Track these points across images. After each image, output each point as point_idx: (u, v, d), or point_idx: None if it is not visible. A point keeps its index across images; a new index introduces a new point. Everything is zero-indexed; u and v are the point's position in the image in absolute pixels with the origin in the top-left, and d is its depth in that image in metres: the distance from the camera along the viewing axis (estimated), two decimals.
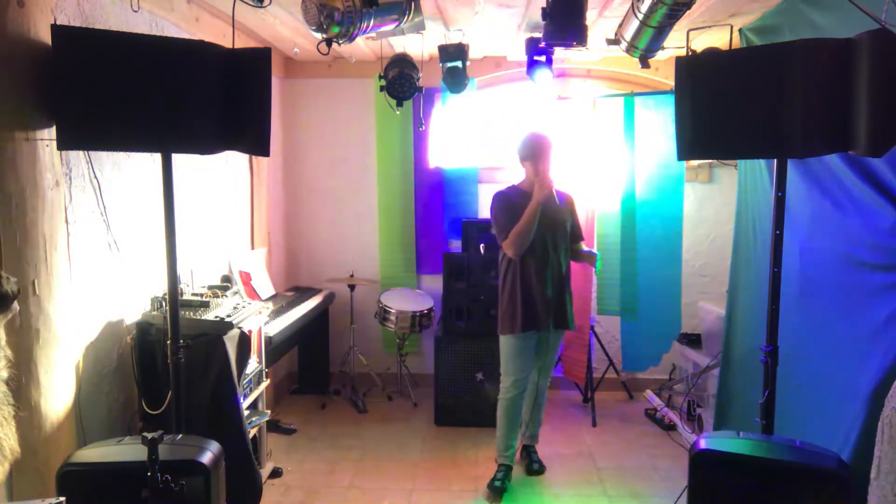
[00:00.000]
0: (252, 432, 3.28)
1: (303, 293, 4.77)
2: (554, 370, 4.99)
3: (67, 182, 2.54)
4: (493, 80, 5.07)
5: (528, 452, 3.81)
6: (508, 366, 3.55)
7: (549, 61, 3.86)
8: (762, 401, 2.37)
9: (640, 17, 2.89)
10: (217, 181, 3.97)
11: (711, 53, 2.88)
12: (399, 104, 3.95)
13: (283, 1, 3.35)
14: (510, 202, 3.48)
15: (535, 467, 3.74)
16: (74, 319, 2.45)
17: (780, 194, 2.34)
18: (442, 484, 3.61)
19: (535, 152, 3.47)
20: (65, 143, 2.19)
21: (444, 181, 5.02)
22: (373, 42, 4.27)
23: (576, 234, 3.68)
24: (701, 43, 4.04)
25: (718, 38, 3.96)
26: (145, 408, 2.82)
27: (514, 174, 4.96)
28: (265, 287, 4.35)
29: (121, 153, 2.90)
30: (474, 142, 4.96)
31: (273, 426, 4.20)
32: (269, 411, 3.71)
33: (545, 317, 3.45)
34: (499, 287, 3.61)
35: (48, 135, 2.20)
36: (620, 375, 5.00)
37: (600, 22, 3.70)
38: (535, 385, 3.67)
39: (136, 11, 2.77)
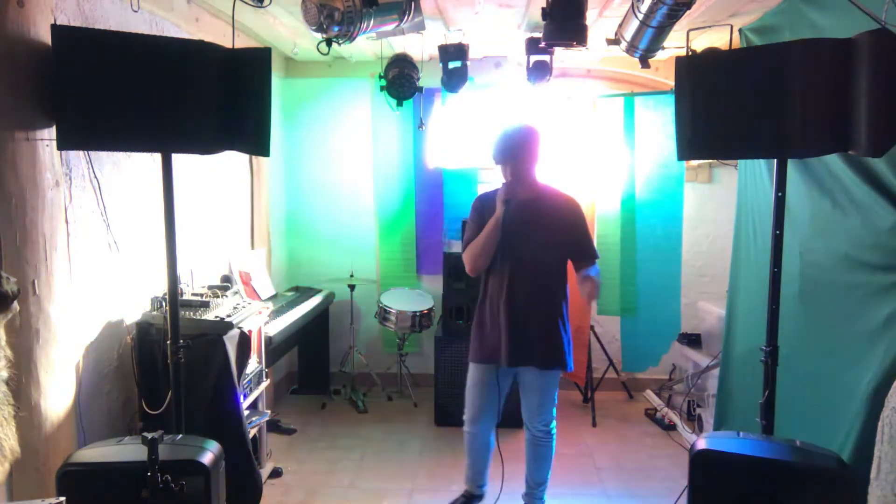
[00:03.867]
0: (252, 432, 3.28)
1: (303, 293, 4.77)
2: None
3: (67, 182, 2.54)
4: (493, 80, 5.07)
5: None
6: (466, 397, 3.15)
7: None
8: (762, 401, 2.37)
9: (640, 17, 2.89)
10: (217, 181, 3.97)
11: (711, 53, 2.89)
12: (399, 104, 3.96)
13: (283, 1, 3.35)
14: (482, 209, 3.02)
15: None
16: (74, 319, 2.45)
17: (780, 194, 2.34)
18: (442, 484, 3.61)
19: (496, 156, 2.97)
20: (65, 143, 2.19)
21: (443, 181, 5.02)
22: (373, 42, 4.27)
23: (580, 250, 2.97)
24: (701, 43, 4.03)
25: (718, 38, 3.96)
26: (145, 408, 2.82)
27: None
28: (265, 287, 4.34)
29: (121, 153, 2.90)
30: (474, 142, 4.96)
31: (273, 426, 4.20)
32: (269, 411, 3.70)
33: (505, 350, 2.92)
34: None
35: (48, 135, 2.20)
36: (620, 375, 5.00)
37: (600, 22, 3.70)
38: (527, 433, 3.12)
39: (136, 11, 2.77)
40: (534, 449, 3.12)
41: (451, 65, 4.06)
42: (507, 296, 2.92)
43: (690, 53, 3.02)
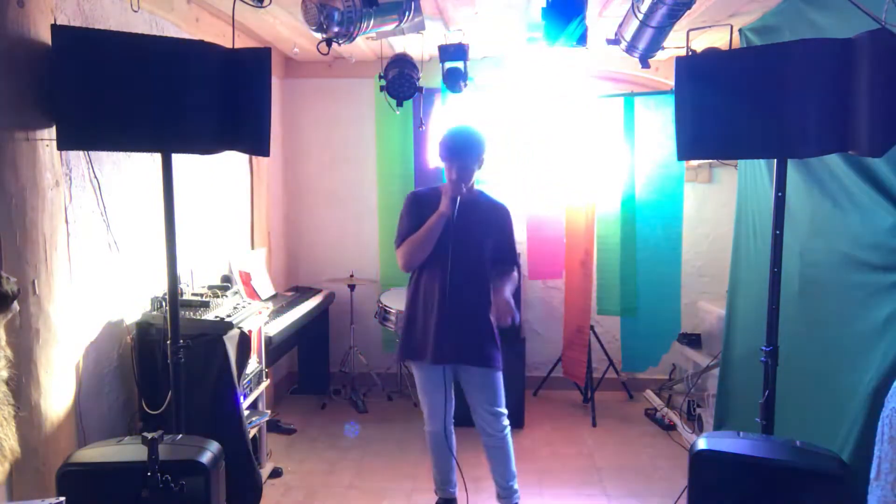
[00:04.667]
0: (252, 432, 3.28)
1: (303, 293, 4.77)
2: (555, 369, 5.00)
3: (67, 182, 2.54)
4: (493, 80, 5.06)
5: None
6: (419, 394, 3.15)
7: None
8: (762, 401, 2.37)
9: (640, 17, 2.89)
10: (217, 181, 3.97)
11: (711, 53, 2.88)
12: (399, 104, 3.95)
13: (283, 1, 3.35)
14: (419, 205, 3.00)
15: None
16: (74, 319, 2.45)
17: (780, 194, 2.34)
18: None
19: (443, 153, 2.96)
20: (65, 143, 2.19)
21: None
22: (373, 42, 4.27)
23: (502, 255, 3.04)
24: (701, 43, 4.03)
25: (718, 38, 3.96)
26: (145, 408, 2.83)
27: (515, 174, 4.97)
28: (265, 287, 4.35)
29: (121, 153, 2.90)
30: None
31: (273, 426, 4.20)
32: (269, 411, 3.71)
33: (436, 348, 2.91)
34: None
35: (48, 135, 2.20)
36: (620, 375, 5.00)
37: (600, 22, 3.70)
38: (483, 436, 3.09)
39: (136, 11, 2.77)
40: (492, 451, 3.10)
41: (451, 65, 4.05)
42: (443, 292, 2.91)
43: (690, 53, 3.02)
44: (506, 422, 3.08)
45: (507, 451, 3.09)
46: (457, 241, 2.90)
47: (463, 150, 2.92)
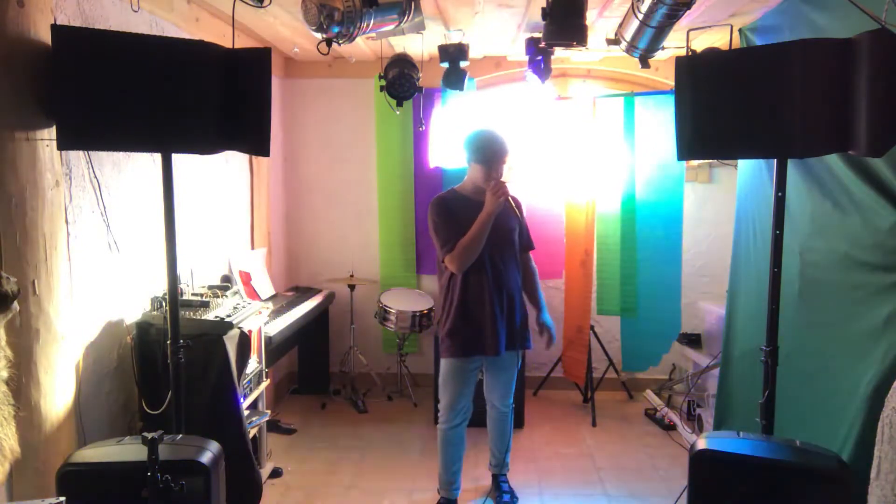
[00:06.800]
0: (252, 432, 3.28)
1: (303, 293, 4.77)
2: (555, 369, 5.01)
3: (67, 182, 2.54)
4: (493, 80, 5.07)
5: (498, 483, 3.44)
6: (445, 390, 3.21)
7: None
8: (762, 401, 2.37)
9: (640, 17, 2.89)
10: (217, 181, 3.97)
11: (711, 53, 2.88)
12: (399, 104, 3.95)
13: (283, 1, 3.35)
14: (450, 209, 3.11)
15: (504, 499, 3.35)
16: (74, 319, 2.45)
17: (780, 194, 2.34)
18: None
19: (487, 155, 3.06)
20: (65, 143, 2.19)
21: (444, 181, 5.02)
22: (373, 42, 4.27)
23: (525, 242, 3.33)
24: (701, 43, 4.04)
25: (718, 38, 3.96)
26: (145, 408, 2.82)
27: (515, 174, 4.97)
28: (265, 287, 4.35)
29: (121, 153, 2.90)
30: None
31: (273, 426, 4.20)
32: (269, 411, 3.70)
33: (493, 340, 3.08)
34: (441, 304, 3.25)
35: (48, 135, 2.20)
36: (620, 375, 5.00)
37: (600, 22, 3.71)
38: (495, 411, 3.37)
39: (136, 11, 2.77)
40: (500, 424, 3.39)
41: (451, 65, 4.05)
42: (494, 286, 3.11)
43: (690, 53, 3.02)
44: (512, 397, 3.39)
45: (509, 424, 3.41)
46: (498, 236, 3.11)
47: (501, 152, 3.11)
